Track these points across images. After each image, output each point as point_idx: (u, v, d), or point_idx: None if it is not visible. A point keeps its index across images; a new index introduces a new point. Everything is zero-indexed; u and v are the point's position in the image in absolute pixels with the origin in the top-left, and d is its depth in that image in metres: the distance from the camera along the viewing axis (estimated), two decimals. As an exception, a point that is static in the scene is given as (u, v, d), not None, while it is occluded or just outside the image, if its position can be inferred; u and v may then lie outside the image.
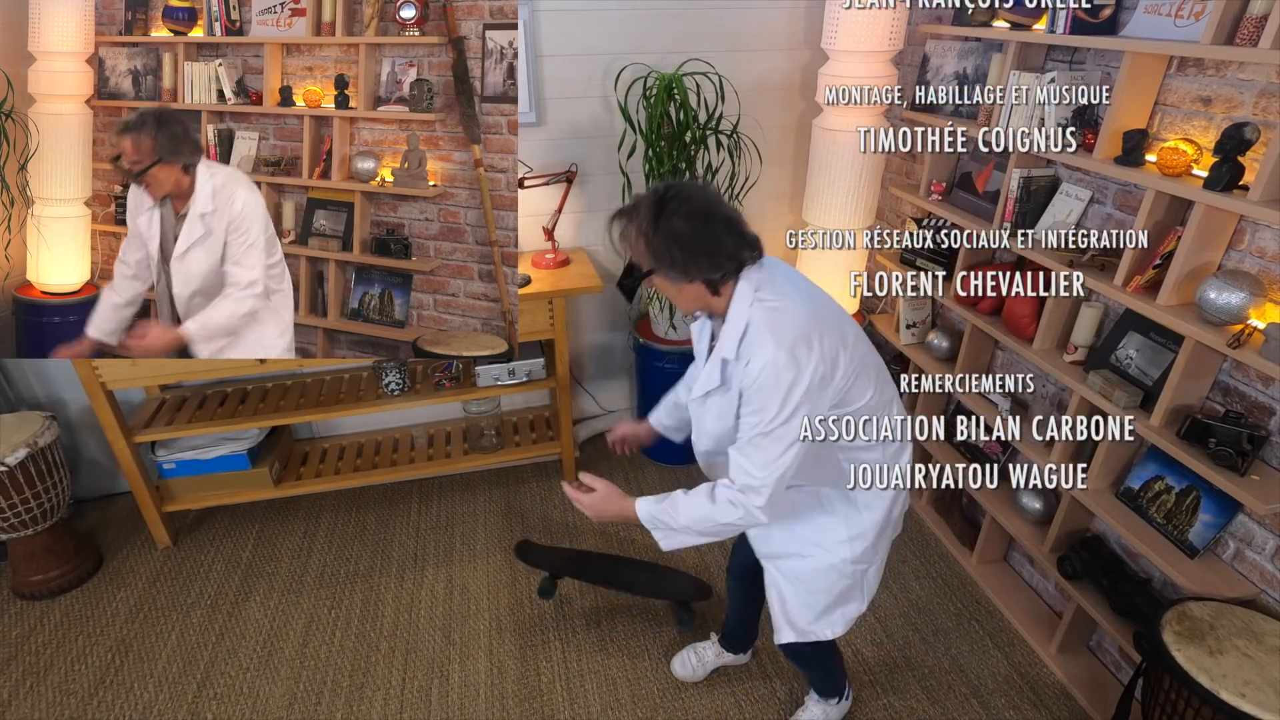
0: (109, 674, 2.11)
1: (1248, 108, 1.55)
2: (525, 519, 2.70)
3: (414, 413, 2.96)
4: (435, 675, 2.10)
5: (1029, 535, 2.15)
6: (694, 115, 2.39)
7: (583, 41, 2.48)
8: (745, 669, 2.08)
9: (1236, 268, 1.61)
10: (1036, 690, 2.03)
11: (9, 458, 2.15)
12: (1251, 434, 1.55)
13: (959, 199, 2.36)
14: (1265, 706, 1.33)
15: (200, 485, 2.57)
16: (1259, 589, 1.63)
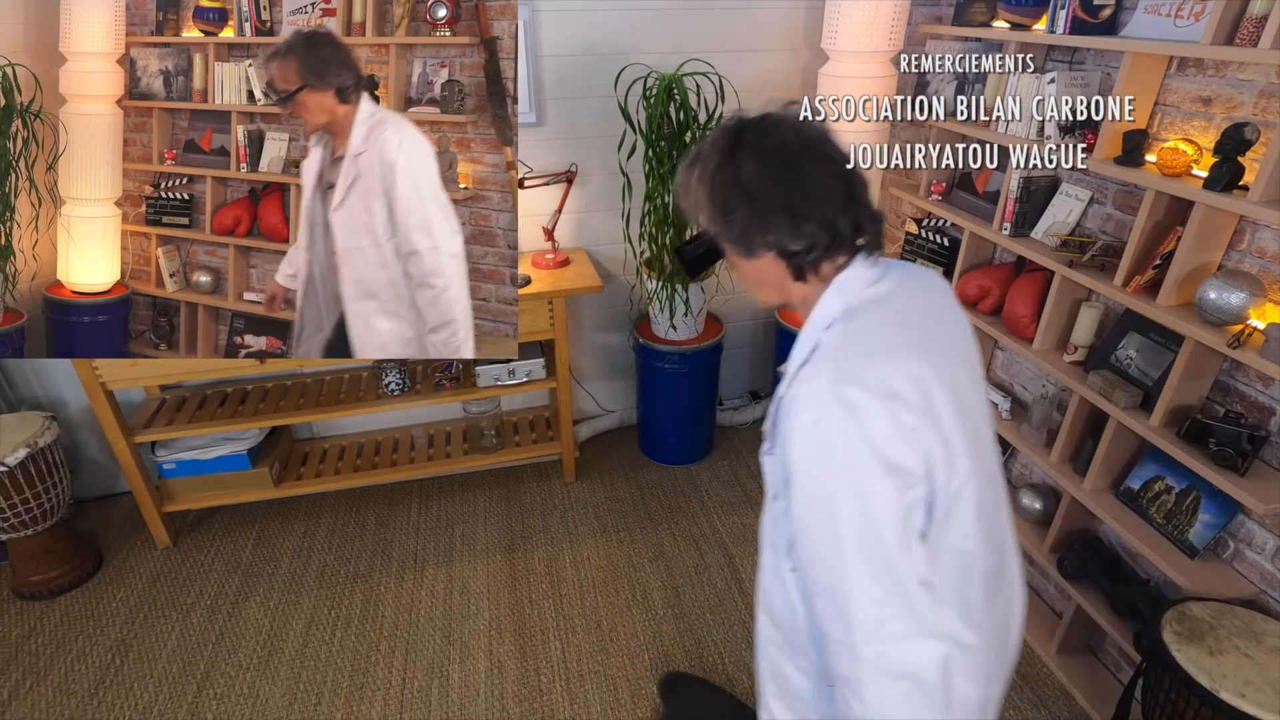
0: (109, 674, 2.11)
1: (1248, 108, 1.55)
2: (525, 519, 2.70)
3: (414, 413, 2.96)
4: (435, 675, 2.10)
5: (1029, 535, 2.14)
6: (694, 115, 2.39)
7: (583, 41, 2.48)
8: (746, 667, 2.08)
9: (1236, 268, 1.61)
10: (1036, 690, 2.03)
11: (9, 458, 2.15)
12: (1251, 434, 1.55)
13: (959, 199, 2.36)
14: (1265, 706, 1.33)
15: (200, 485, 2.57)
16: (1259, 589, 1.63)
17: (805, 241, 0.86)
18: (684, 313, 2.66)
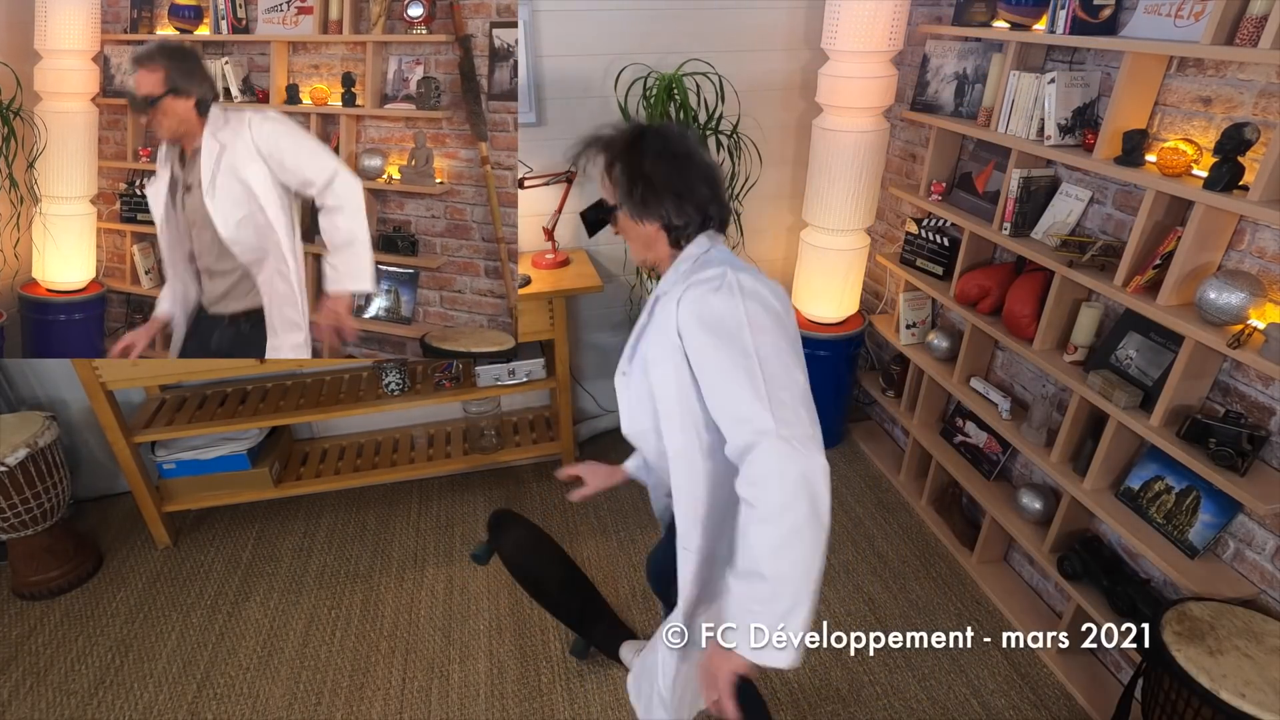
0: (109, 674, 2.11)
1: (1248, 108, 1.55)
2: (525, 519, 2.70)
3: (414, 413, 2.96)
4: (435, 675, 2.10)
5: (1029, 535, 2.15)
6: (694, 115, 2.39)
7: (583, 41, 2.48)
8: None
9: (1236, 268, 1.61)
10: (1036, 690, 2.03)
11: (9, 458, 2.15)
12: (1251, 434, 1.55)
13: (959, 199, 2.36)
14: (1265, 706, 1.33)
15: (200, 485, 2.57)
16: (1259, 589, 1.63)
17: (684, 219, 1.19)
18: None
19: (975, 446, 2.44)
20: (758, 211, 2.88)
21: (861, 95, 2.39)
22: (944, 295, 2.39)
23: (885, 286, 3.00)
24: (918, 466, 2.78)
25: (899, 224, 2.82)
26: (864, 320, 2.88)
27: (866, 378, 3.06)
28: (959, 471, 2.43)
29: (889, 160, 2.80)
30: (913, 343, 2.67)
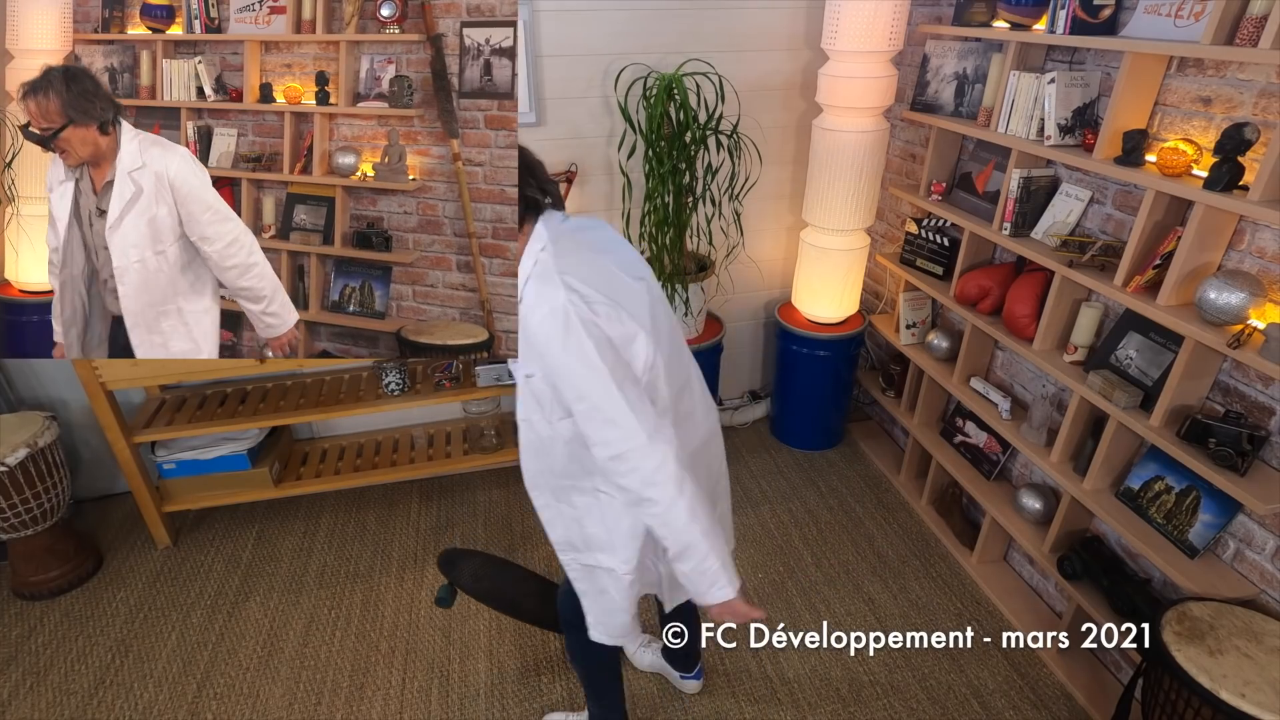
0: (109, 674, 2.11)
1: (1248, 108, 1.55)
2: (525, 519, 2.70)
3: (414, 413, 2.96)
4: (435, 675, 2.10)
5: (1029, 535, 2.15)
6: (694, 115, 2.39)
7: (583, 41, 2.48)
8: (746, 668, 2.08)
9: (1236, 268, 1.61)
10: (1036, 690, 2.03)
11: (9, 458, 2.15)
12: (1251, 434, 1.55)
13: (959, 199, 2.36)
14: (1265, 706, 1.33)
15: (200, 485, 2.57)
16: (1259, 589, 1.63)
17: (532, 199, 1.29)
18: (684, 313, 2.67)
19: (975, 446, 2.44)
20: (758, 211, 2.88)
21: (861, 95, 2.39)
22: (944, 295, 2.39)
23: (885, 286, 3.00)
24: (918, 466, 2.78)
25: (899, 224, 2.82)
26: (864, 320, 2.88)
27: (866, 378, 3.06)
28: (959, 471, 2.43)
29: (889, 160, 2.80)
30: (913, 343, 2.67)
